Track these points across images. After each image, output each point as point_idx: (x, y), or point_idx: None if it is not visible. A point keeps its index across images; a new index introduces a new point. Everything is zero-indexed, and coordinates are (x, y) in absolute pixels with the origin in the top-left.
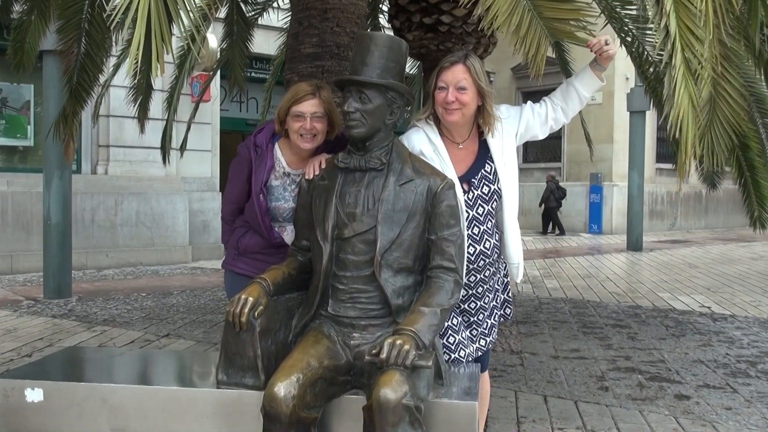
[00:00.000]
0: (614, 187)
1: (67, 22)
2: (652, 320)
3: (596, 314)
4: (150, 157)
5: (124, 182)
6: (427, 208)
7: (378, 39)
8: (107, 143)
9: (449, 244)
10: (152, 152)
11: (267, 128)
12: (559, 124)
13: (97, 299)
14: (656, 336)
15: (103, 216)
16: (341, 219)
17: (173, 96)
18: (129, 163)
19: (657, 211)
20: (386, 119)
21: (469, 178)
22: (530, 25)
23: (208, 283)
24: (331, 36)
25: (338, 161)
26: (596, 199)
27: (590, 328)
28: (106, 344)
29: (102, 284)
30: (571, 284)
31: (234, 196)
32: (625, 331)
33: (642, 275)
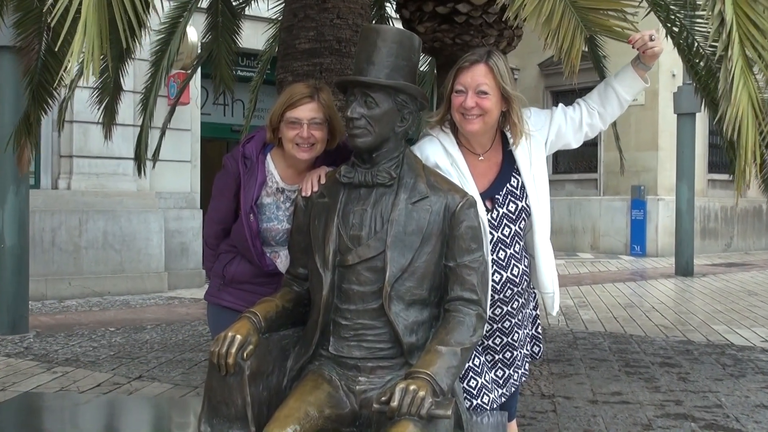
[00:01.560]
0: (660, 201)
1: (25, 15)
2: (707, 358)
3: (641, 351)
4: (120, 168)
5: (90, 198)
6: (445, 229)
7: (386, 33)
8: (70, 153)
9: (470, 272)
10: (122, 163)
11: (257, 137)
12: (596, 131)
13: (58, 335)
14: (711, 376)
15: (65, 238)
16: (344, 243)
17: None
18: (95, 176)
19: (710, 229)
20: (396, 126)
21: (493, 194)
22: (563, 16)
23: (188, 316)
24: (330, 29)
25: (340, 175)
26: (639, 216)
27: (634, 368)
28: (69, 388)
29: (64, 317)
30: (611, 315)
31: (219, 216)
32: (674, 370)
33: (693, 305)
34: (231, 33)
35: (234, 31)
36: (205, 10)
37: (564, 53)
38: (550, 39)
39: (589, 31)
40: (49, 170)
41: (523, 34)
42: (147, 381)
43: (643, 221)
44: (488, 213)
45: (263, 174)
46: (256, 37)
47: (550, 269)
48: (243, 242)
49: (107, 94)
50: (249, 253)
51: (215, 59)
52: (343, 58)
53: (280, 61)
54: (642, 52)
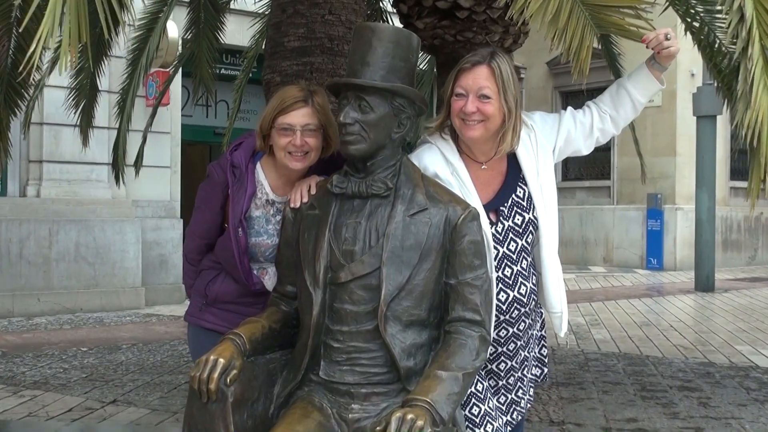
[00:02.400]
0: (678, 211)
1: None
2: (729, 381)
3: (658, 373)
4: (93, 174)
5: (61, 207)
6: (445, 244)
7: (382, 32)
8: (40, 158)
9: (473, 291)
10: (96, 169)
11: (246, 144)
12: (608, 136)
13: (26, 355)
14: (734, 401)
15: (34, 249)
16: (336, 259)
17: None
18: (67, 182)
19: (732, 241)
20: (392, 133)
21: (497, 205)
22: (571, 14)
23: (166, 335)
24: (321, 26)
25: (332, 185)
26: (655, 227)
27: (650, 392)
28: (37, 414)
29: (32, 336)
30: (625, 335)
31: (202, 230)
32: (694, 395)
33: (715, 323)
34: (214, 29)
35: (217, 27)
36: (186, 4)
37: (572, 54)
38: (557, 39)
39: (599, 30)
40: (17, 176)
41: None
42: (122, 406)
43: (659, 232)
44: (492, 226)
45: (253, 184)
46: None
47: (558, 287)
48: (229, 259)
49: (84, 96)
50: (235, 270)
51: (196, 57)
52: (335, 57)
53: (267, 60)
54: (657, 52)
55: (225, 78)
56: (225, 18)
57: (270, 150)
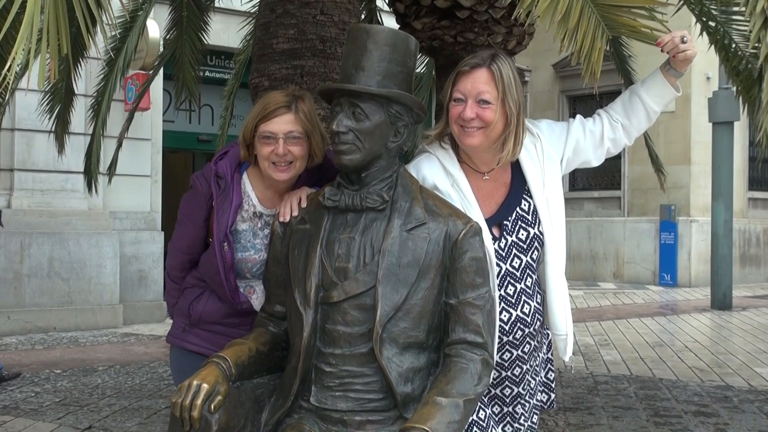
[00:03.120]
0: (693, 223)
1: None
2: (748, 405)
3: (671, 397)
4: (68, 184)
5: (33, 218)
6: (445, 261)
7: (378, 34)
8: (11, 166)
9: (475, 311)
10: (71, 178)
11: (231, 153)
12: (619, 146)
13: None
14: (754, 427)
15: (4, 264)
16: (328, 276)
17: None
18: (40, 192)
19: (751, 255)
20: (389, 142)
21: (501, 220)
22: (582, 14)
23: (146, 356)
24: (313, 27)
25: (324, 198)
26: (669, 240)
27: (664, 417)
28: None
29: (1, 357)
30: (637, 356)
31: (185, 245)
32: (711, 420)
33: (732, 343)
34: (197, 29)
35: (200, 28)
36: (168, 3)
37: (583, 56)
38: (567, 40)
39: (611, 32)
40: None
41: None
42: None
43: (673, 246)
44: (495, 242)
45: (239, 196)
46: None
47: (564, 307)
48: (214, 276)
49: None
50: (220, 288)
51: (178, 59)
52: (327, 60)
53: (255, 63)
54: (672, 56)
55: (210, 81)
56: (209, 17)
57: (255, 160)
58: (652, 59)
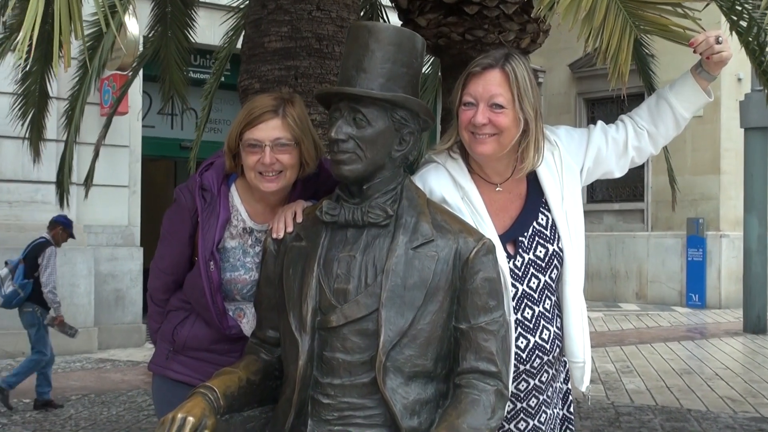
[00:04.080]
0: (723, 238)
1: None
2: None
3: (701, 430)
4: (39, 195)
5: (1, 233)
6: (455, 282)
7: (380, 33)
8: None
9: (488, 337)
10: (42, 189)
11: (218, 163)
12: (644, 156)
13: None
14: None
15: None
16: (326, 299)
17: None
18: (8, 204)
19: None
20: (393, 151)
21: (516, 235)
22: (608, 11)
23: (123, 384)
24: (308, 24)
25: (322, 212)
26: (697, 257)
27: None
28: None
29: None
30: (662, 384)
31: (168, 264)
32: None
33: (767, 371)
34: (183, 26)
35: (186, 24)
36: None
37: (610, 57)
38: (591, 40)
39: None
40: None
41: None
42: None
43: (701, 263)
44: (510, 260)
45: (227, 210)
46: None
47: (582, 331)
48: (199, 298)
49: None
50: (207, 311)
51: (163, 59)
52: (324, 61)
53: (244, 63)
54: (706, 57)
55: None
56: (194, 13)
57: (243, 171)
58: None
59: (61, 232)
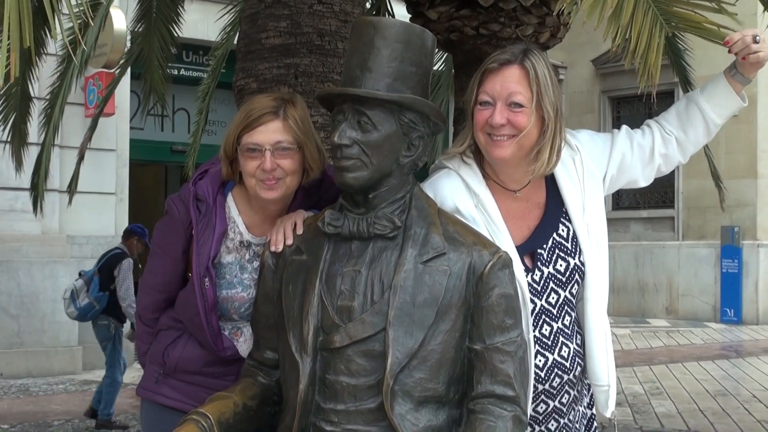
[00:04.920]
0: (760, 248)
1: None
2: None
3: None
4: (18, 203)
5: None
6: (469, 299)
7: (388, 29)
8: None
9: (504, 358)
10: (21, 196)
11: (213, 171)
12: (672, 164)
13: None
14: None
15: None
16: (329, 317)
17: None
18: None
19: None
20: (401, 157)
21: (534, 247)
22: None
23: None
24: (309, 18)
25: (324, 224)
26: (732, 268)
27: None
28: None
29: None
30: (695, 407)
31: (160, 281)
32: None
33: None
34: (168, 21)
35: (172, 19)
36: None
37: (638, 56)
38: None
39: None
40: None
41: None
42: None
43: (737, 275)
44: (528, 274)
45: (223, 222)
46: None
47: (606, 352)
48: (193, 317)
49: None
50: (200, 332)
51: (146, 56)
52: (326, 58)
53: (240, 61)
54: (741, 58)
55: (185, 81)
56: (183, 7)
57: (240, 178)
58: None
59: (137, 243)
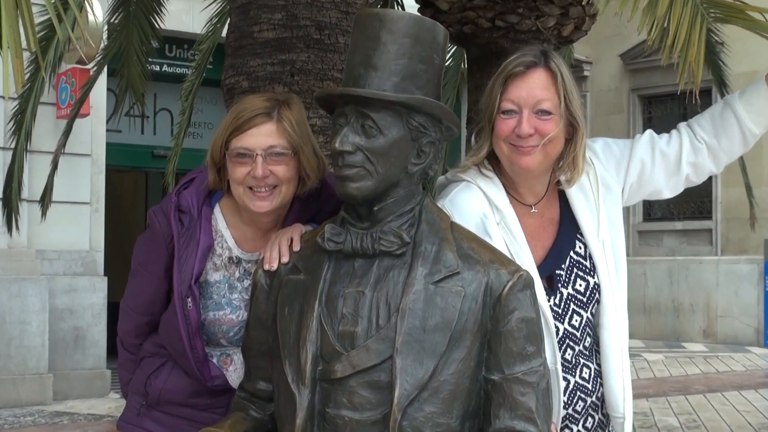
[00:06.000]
0: None
1: None
2: None
3: None
4: None
5: None
6: (485, 324)
7: (395, 22)
8: None
9: (526, 390)
10: None
11: (198, 180)
12: (703, 174)
13: None
14: None
15: None
16: (329, 344)
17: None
18: None
19: None
20: (410, 165)
21: (552, 269)
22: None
23: None
24: (307, 9)
25: (324, 239)
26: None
27: None
28: None
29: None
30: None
31: (142, 302)
32: None
33: None
34: (148, 11)
35: (153, 9)
36: None
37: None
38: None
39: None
40: None
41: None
42: None
43: None
44: (549, 297)
45: (209, 236)
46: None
47: (623, 380)
48: (175, 342)
49: None
50: (184, 358)
51: (123, 49)
52: (326, 54)
53: (230, 57)
54: None
55: (167, 77)
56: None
57: (229, 187)
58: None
59: None
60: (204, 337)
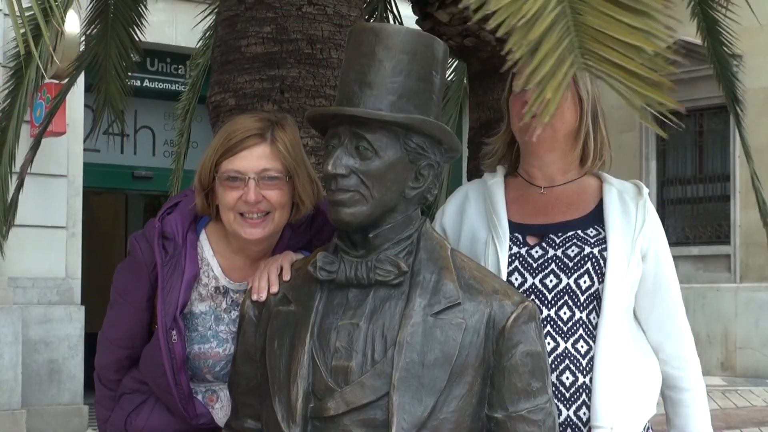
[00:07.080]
0: None
1: None
2: None
3: None
4: None
5: None
6: (488, 358)
7: (391, 37)
8: None
9: (531, 429)
10: None
11: (183, 205)
12: None
13: None
14: None
15: None
16: (322, 380)
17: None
18: None
19: None
20: (407, 189)
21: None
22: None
23: None
24: (298, 22)
25: (316, 268)
26: None
27: None
28: None
29: None
30: None
31: (122, 335)
32: None
33: None
34: (128, 22)
35: (132, 20)
36: None
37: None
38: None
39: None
40: None
41: None
42: None
43: None
44: (522, 247)
45: (195, 265)
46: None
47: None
48: (158, 378)
49: None
50: (168, 394)
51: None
52: (318, 69)
53: (216, 73)
54: None
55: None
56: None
57: (217, 213)
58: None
59: None
60: (188, 372)
